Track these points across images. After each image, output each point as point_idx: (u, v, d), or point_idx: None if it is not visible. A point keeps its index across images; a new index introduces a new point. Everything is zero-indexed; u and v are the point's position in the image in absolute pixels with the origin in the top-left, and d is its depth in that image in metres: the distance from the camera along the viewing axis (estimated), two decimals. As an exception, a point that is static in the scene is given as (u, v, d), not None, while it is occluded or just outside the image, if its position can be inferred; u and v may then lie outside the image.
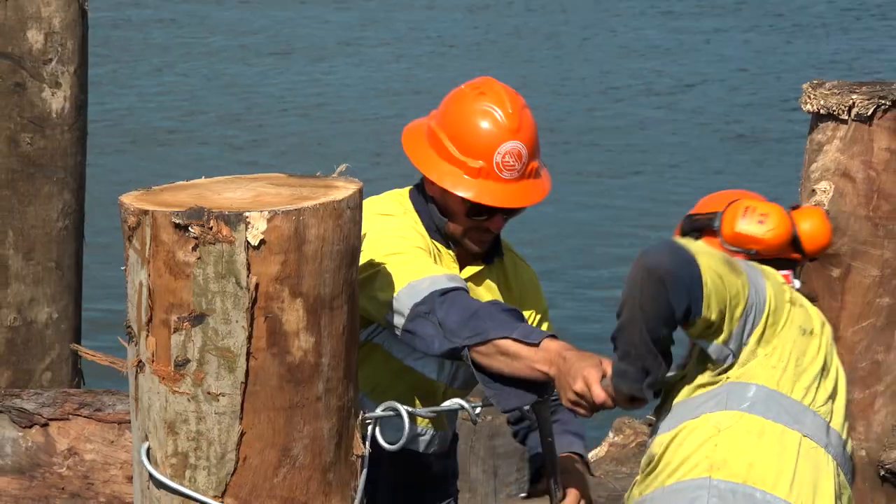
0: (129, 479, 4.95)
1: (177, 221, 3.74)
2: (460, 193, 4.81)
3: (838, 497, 4.23)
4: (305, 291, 3.81)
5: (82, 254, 6.77)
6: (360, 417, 4.01)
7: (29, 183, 6.54)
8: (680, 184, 18.26)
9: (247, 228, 3.73)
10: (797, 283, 4.40)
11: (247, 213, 3.74)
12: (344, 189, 3.91)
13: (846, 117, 4.81)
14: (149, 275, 3.79)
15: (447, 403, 4.74)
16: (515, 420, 5.18)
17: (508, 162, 4.79)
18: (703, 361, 4.24)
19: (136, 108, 23.04)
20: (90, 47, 6.80)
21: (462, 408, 4.77)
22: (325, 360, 3.88)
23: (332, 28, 29.36)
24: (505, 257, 5.13)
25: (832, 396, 4.29)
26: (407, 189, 5.03)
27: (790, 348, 4.22)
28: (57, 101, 6.52)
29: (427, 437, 5.05)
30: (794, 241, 4.37)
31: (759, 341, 4.21)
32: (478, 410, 4.72)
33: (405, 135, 4.97)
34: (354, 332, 3.98)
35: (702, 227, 4.40)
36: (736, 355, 4.19)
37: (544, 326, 5.08)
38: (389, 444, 4.16)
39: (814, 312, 4.29)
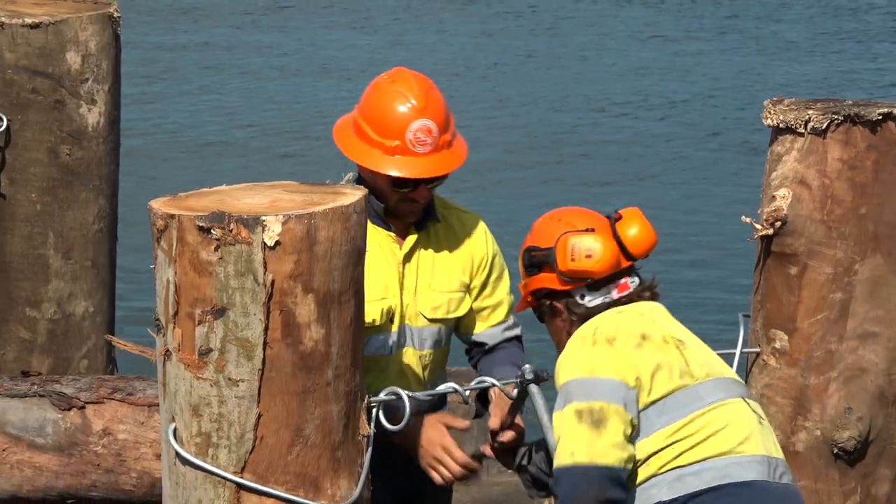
0: (158, 456, 4.96)
1: (200, 224, 3.76)
2: (382, 171, 4.93)
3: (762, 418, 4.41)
4: (316, 287, 3.82)
5: (116, 253, 6.77)
6: (365, 401, 4.02)
7: (67, 190, 6.54)
8: (674, 188, 18.22)
9: (263, 231, 3.75)
10: (636, 282, 4.52)
11: (263, 217, 3.75)
12: (351, 196, 3.93)
13: (803, 131, 4.82)
14: (175, 272, 3.80)
15: (442, 387, 4.75)
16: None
17: (420, 138, 4.93)
18: None
19: (180, 122, 22.99)
20: (135, 68, 6.81)
21: (455, 391, 4.79)
22: (335, 350, 3.88)
23: (358, 50, 29.29)
24: (449, 218, 5.20)
25: (705, 355, 4.40)
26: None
27: (668, 372, 4.32)
28: (93, 116, 6.52)
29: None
30: (623, 252, 4.46)
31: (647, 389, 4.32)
32: (468, 393, 4.75)
33: (335, 130, 5.09)
34: (360, 324, 3.98)
35: (540, 262, 4.48)
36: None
37: (498, 263, 5.23)
38: (392, 425, 4.15)
39: (647, 318, 4.38)
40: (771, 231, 4.86)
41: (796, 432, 4.89)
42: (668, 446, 4.32)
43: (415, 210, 5.03)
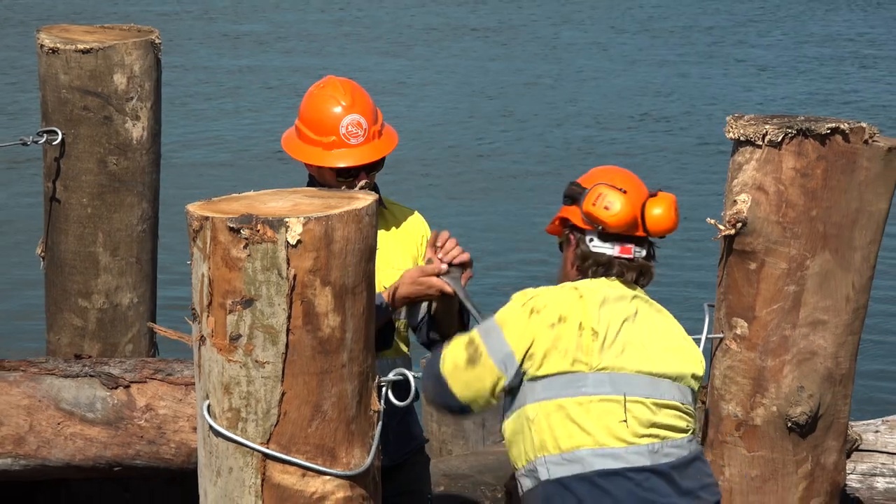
0: (194, 429, 4.96)
1: (231, 225, 3.75)
2: (324, 164, 4.96)
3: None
4: (333, 281, 3.81)
5: (157, 250, 6.77)
6: (376, 380, 4.02)
7: (115, 195, 6.54)
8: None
9: (287, 231, 3.74)
10: (641, 254, 4.43)
11: (287, 219, 3.75)
12: (363, 200, 3.92)
13: (761, 143, 4.82)
14: (209, 268, 3.80)
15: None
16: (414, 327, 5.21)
17: (353, 131, 4.94)
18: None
19: (216, 136, 23.01)
20: (182, 87, 6.81)
21: None
22: (349, 335, 3.87)
23: (386, 73, 29.27)
24: (392, 209, 5.19)
25: (630, 347, 4.31)
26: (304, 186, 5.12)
27: (562, 354, 4.29)
28: (137, 130, 6.52)
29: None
30: (640, 223, 4.39)
31: (535, 363, 4.30)
32: None
33: (283, 140, 5.11)
34: (371, 312, 3.97)
35: (574, 196, 4.43)
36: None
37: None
38: (400, 401, 4.14)
39: (586, 301, 4.31)
40: (733, 231, 4.86)
41: (755, 408, 4.89)
42: (548, 422, 4.31)
43: None
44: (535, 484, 4.37)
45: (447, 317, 4.94)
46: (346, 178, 4.96)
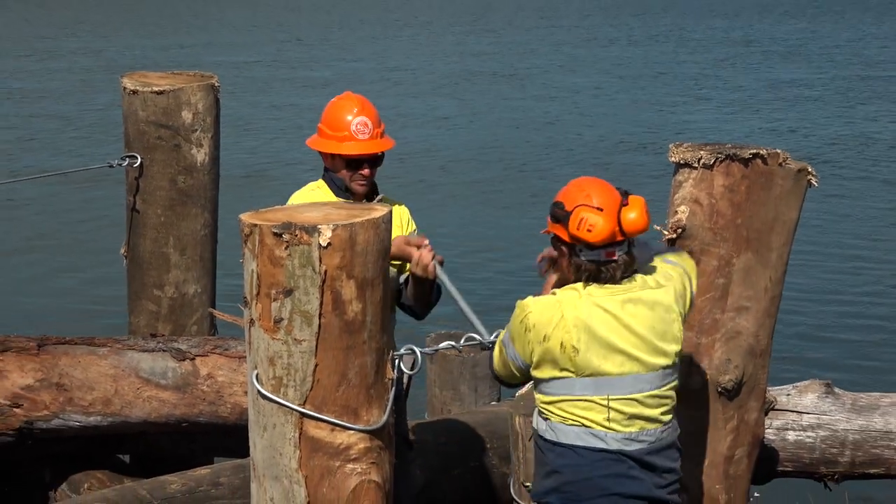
0: (245, 393, 4.96)
1: (275, 231, 3.75)
2: (337, 152, 4.94)
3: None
4: (356, 275, 3.81)
5: (216, 250, 6.78)
6: (390, 354, 4.01)
7: (182, 207, 6.55)
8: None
9: (319, 235, 3.74)
10: (623, 254, 4.29)
11: (319, 226, 3.75)
12: (380, 211, 3.92)
13: (697, 165, 4.80)
14: (257, 265, 3.80)
15: (443, 345, 4.74)
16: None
17: (360, 129, 4.92)
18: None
19: (265, 160, 23.09)
20: (239, 121, 6.80)
21: (452, 347, 4.78)
22: (369, 319, 3.87)
23: (421, 107, 29.44)
24: (384, 200, 5.12)
25: (598, 357, 4.23)
26: (320, 179, 5.10)
27: (551, 365, 4.25)
28: (200, 155, 6.53)
29: None
30: (618, 231, 4.25)
31: (536, 368, 4.28)
32: (462, 342, 4.72)
33: (307, 141, 5.10)
34: (388, 300, 3.96)
35: (558, 218, 4.29)
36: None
37: (412, 220, 5.20)
38: (409, 371, 4.14)
39: (566, 321, 4.22)
40: (675, 236, 4.84)
41: (692, 376, 4.87)
42: (549, 409, 4.29)
43: (363, 184, 4.99)
44: (544, 435, 4.36)
45: (420, 285, 4.92)
46: (353, 167, 4.95)
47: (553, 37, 53.41)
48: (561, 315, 4.20)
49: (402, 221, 5.11)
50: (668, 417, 4.32)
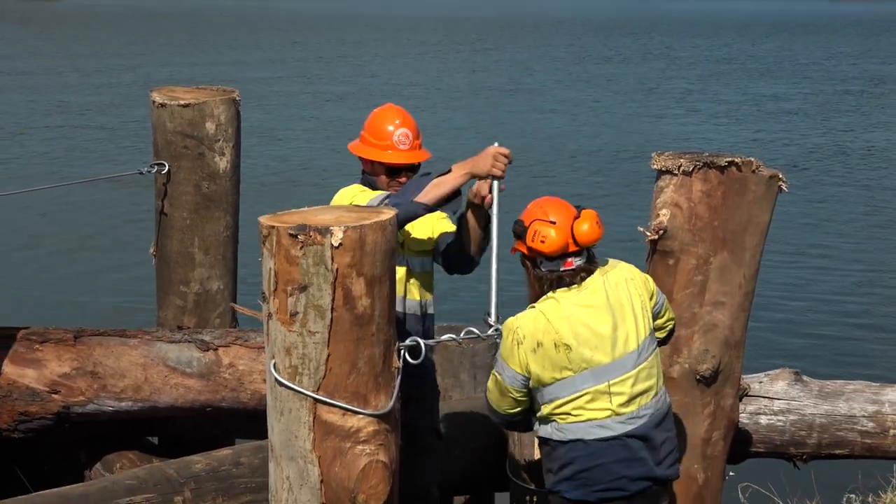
0: (264, 380, 4.97)
1: (291, 232, 3.76)
2: (380, 160, 4.92)
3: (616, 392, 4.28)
4: (365, 272, 3.81)
5: (237, 250, 6.78)
6: (395, 345, 4.01)
7: (206, 211, 6.55)
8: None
9: (331, 236, 3.75)
10: (580, 262, 4.31)
11: (331, 228, 3.75)
12: (387, 214, 3.93)
13: (677, 172, 4.82)
14: (275, 263, 3.80)
15: (444, 337, 4.73)
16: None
17: (401, 140, 4.91)
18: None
19: (284, 167, 23.05)
20: (258, 132, 6.80)
21: (453, 339, 4.77)
22: (377, 313, 3.87)
23: (435, 117, 29.38)
24: None
25: (591, 348, 4.24)
26: (358, 182, 5.05)
27: (550, 369, 4.26)
28: (222, 163, 6.53)
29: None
30: (572, 242, 4.28)
31: (537, 379, 4.28)
32: (462, 336, 4.73)
33: (349, 146, 5.06)
34: (393, 296, 3.96)
35: (519, 234, 4.34)
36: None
37: (445, 225, 5.07)
38: (413, 360, 4.13)
39: (552, 324, 4.23)
40: (656, 236, 4.86)
41: (673, 365, 4.89)
42: (555, 414, 4.29)
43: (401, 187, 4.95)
44: (552, 437, 4.36)
45: (475, 221, 4.82)
46: (392, 174, 4.93)
47: (550, 55, 53.37)
48: (546, 320, 4.24)
49: (432, 216, 5.05)
50: (659, 383, 4.37)
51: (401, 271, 4.92)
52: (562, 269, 4.30)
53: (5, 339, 5.89)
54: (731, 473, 5.18)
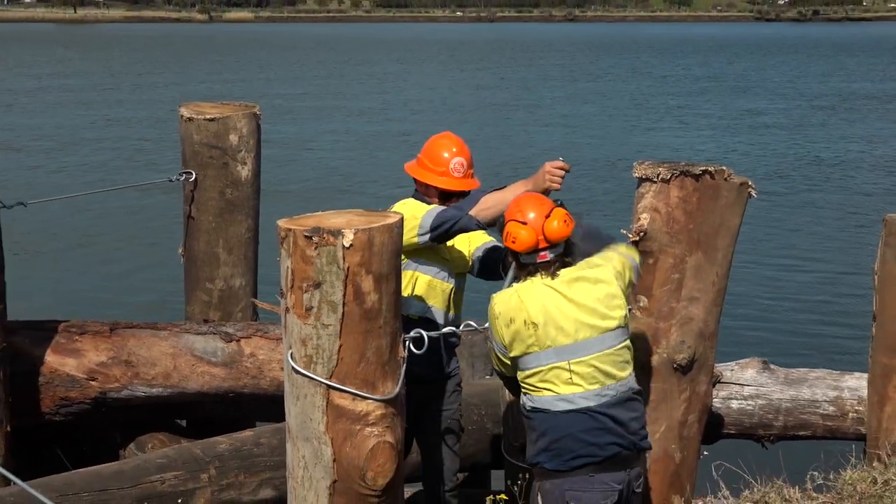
0: (282, 369, 4.98)
1: (306, 234, 3.76)
2: (435, 184, 4.92)
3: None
4: (374, 271, 3.81)
5: (258, 250, 6.79)
6: (401, 336, 4.01)
7: (230, 215, 6.56)
8: (589, 213, 18.23)
9: (343, 238, 3.75)
10: (553, 254, 4.34)
11: (343, 230, 3.76)
12: (394, 217, 3.93)
13: (656, 180, 4.82)
14: (291, 262, 3.80)
15: (445, 330, 4.74)
16: None
17: (456, 168, 4.90)
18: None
19: (302, 176, 23.04)
20: (287, 141, 6.81)
21: (453, 332, 4.79)
22: (384, 307, 3.88)
23: (442, 127, 29.33)
24: None
25: (557, 329, 4.26)
26: (411, 197, 5.03)
27: (520, 343, 4.29)
28: (244, 172, 6.54)
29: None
30: (542, 238, 4.31)
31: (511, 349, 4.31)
32: (461, 328, 4.74)
33: (406, 167, 5.03)
34: (399, 292, 3.96)
35: (500, 230, 4.41)
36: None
37: (483, 237, 5.09)
38: (417, 350, 4.15)
39: (525, 304, 4.26)
40: (637, 238, 4.85)
41: (652, 355, 4.88)
42: (526, 384, 4.33)
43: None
44: (526, 406, 4.39)
45: None
46: (443, 198, 4.93)
47: (545, 74, 53.34)
48: (519, 299, 4.28)
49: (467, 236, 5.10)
50: (625, 373, 4.35)
51: (447, 288, 4.97)
52: (537, 261, 4.34)
53: (48, 331, 5.91)
54: (705, 453, 5.18)
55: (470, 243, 5.06)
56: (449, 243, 4.95)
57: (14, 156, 24.90)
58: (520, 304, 4.27)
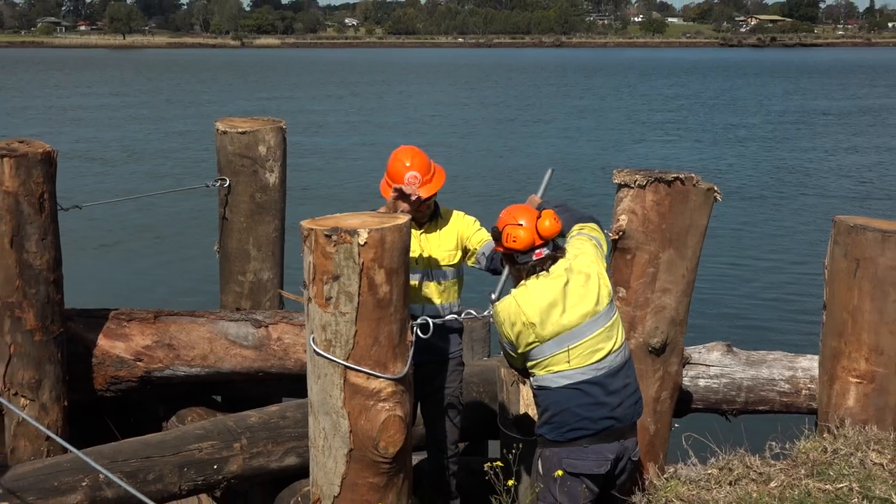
0: (305, 351, 4.98)
1: (326, 233, 3.77)
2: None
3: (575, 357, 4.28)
4: (386, 265, 3.82)
5: (284, 247, 6.79)
6: (409, 322, 4.02)
7: (259, 216, 6.56)
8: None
9: (358, 236, 3.76)
10: (547, 251, 4.33)
11: (358, 230, 3.76)
12: (402, 219, 3.93)
13: (633, 186, 4.82)
14: (313, 258, 3.81)
15: (449, 317, 4.73)
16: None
17: (411, 181, 4.75)
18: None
19: (325, 182, 23.04)
20: (311, 153, 6.80)
21: (455, 319, 4.78)
22: (395, 297, 3.88)
23: (448, 138, 29.31)
24: (446, 215, 5.00)
25: (555, 324, 4.25)
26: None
27: (524, 340, 4.27)
28: (272, 178, 6.54)
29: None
30: (537, 237, 4.30)
31: (519, 346, 4.30)
32: (462, 316, 4.74)
33: (380, 186, 4.90)
34: (407, 284, 3.96)
35: (496, 237, 4.37)
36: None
37: (472, 223, 5.00)
38: (423, 335, 4.17)
39: (523, 308, 4.24)
40: (617, 237, 4.86)
41: (630, 339, 4.88)
42: (532, 370, 4.33)
43: (422, 214, 4.91)
44: (532, 385, 4.39)
45: None
46: (413, 205, 4.80)
47: (542, 92, 53.22)
48: (517, 304, 4.27)
49: (457, 228, 5.03)
50: (619, 343, 4.35)
51: (414, 283, 4.83)
52: (533, 258, 4.33)
53: (100, 318, 5.92)
54: (676, 425, 5.18)
55: (469, 240, 5.03)
56: (419, 248, 4.88)
57: (71, 163, 24.95)
58: (518, 309, 4.26)
